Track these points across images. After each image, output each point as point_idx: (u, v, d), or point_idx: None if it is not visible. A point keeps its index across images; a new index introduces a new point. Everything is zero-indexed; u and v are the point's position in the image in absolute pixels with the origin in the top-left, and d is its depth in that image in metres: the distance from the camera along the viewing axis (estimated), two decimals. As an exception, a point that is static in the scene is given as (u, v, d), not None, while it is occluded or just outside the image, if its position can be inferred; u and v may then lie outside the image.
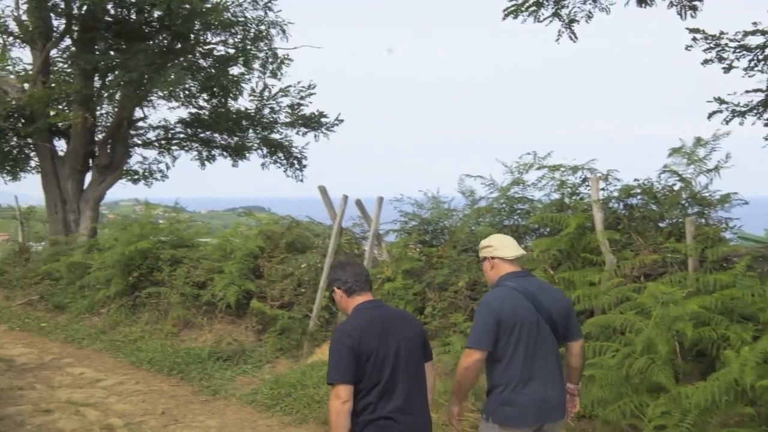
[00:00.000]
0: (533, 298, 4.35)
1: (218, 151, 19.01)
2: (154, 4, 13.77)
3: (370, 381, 4.00)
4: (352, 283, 4.25)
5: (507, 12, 11.46)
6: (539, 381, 4.30)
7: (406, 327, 4.21)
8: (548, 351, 4.36)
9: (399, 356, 4.08)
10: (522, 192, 8.60)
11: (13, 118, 15.95)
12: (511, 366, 4.28)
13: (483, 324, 4.29)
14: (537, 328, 4.32)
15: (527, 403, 4.27)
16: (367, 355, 3.99)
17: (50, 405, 8.09)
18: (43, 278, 14.57)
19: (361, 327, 4.07)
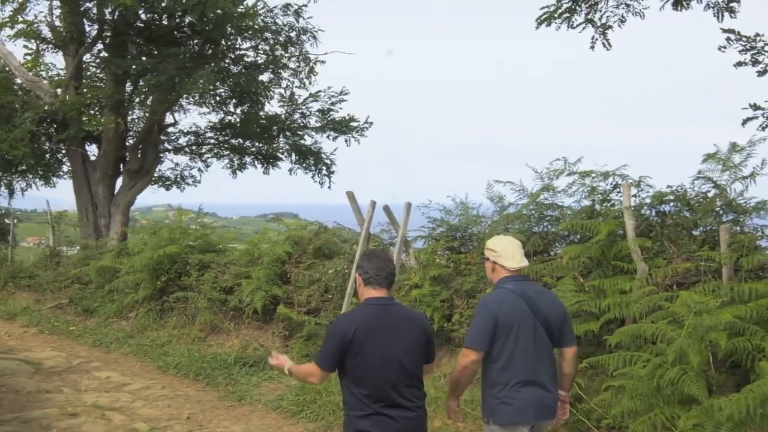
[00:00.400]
0: (531, 301, 4.43)
1: (249, 158, 19.02)
2: (185, 10, 13.83)
3: (366, 376, 4.07)
4: (372, 276, 4.26)
5: (540, 20, 11.34)
6: (535, 381, 4.38)
7: (408, 327, 4.22)
8: (543, 353, 4.44)
9: (393, 355, 4.12)
10: (552, 198, 8.45)
11: (46, 123, 16.09)
12: (509, 366, 4.35)
13: (481, 325, 4.37)
14: (533, 331, 4.39)
15: (525, 401, 4.35)
16: (357, 349, 4.05)
17: (76, 409, 8.11)
18: (73, 282, 14.66)
19: (360, 321, 4.14)
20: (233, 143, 18.77)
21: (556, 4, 11.10)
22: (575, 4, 11.12)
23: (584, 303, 6.62)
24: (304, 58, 17.31)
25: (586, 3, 11.19)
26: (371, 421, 4.09)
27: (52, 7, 15.98)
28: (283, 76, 17.44)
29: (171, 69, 13.90)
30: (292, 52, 17.16)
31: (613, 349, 6.29)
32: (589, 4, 11.23)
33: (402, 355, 4.14)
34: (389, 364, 4.10)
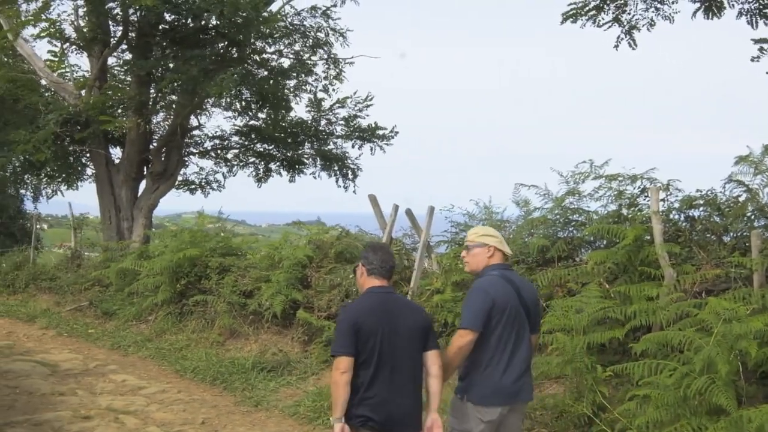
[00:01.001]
0: (516, 287, 4.71)
1: (275, 165, 18.95)
2: (207, 11, 13.77)
3: (367, 361, 4.34)
4: (377, 267, 4.58)
5: (566, 15, 11.15)
6: (517, 363, 4.62)
7: (409, 316, 4.52)
8: (525, 336, 4.71)
9: (396, 341, 4.40)
10: (577, 203, 8.25)
11: (70, 124, 16.09)
12: (496, 347, 4.57)
13: (479, 307, 4.54)
14: (519, 315, 4.65)
15: (502, 385, 4.57)
16: (366, 335, 4.33)
17: (90, 411, 8.00)
18: (94, 284, 14.66)
19: (366, 308, 4.46)
20: (259, 149, 18.71)
21: (583, 1, 10.91)
22: (603, 3, 10.92)
23: (609, 310, 6.41)
24: (333, 61, 17.21)
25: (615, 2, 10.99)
26: (369, 406, 4.33)
27: (77, 7, 16.05)
28: (309, 81, 17.37)
29: (194, 70, 13.85)
30: (321, 54, 17.09)
31: (638, 357, 6.09)
32: (617, 4, 11.03)
33: (404, 340, 4.42)
34: (392, 348, 4.38)
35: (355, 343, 4.30)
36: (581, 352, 6.19)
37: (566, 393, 6.42)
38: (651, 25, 11.30)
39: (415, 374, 4.50)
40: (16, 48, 16.77)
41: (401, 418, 4.41)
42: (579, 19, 11.10)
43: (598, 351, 6.62)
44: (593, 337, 6.26)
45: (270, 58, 16.90)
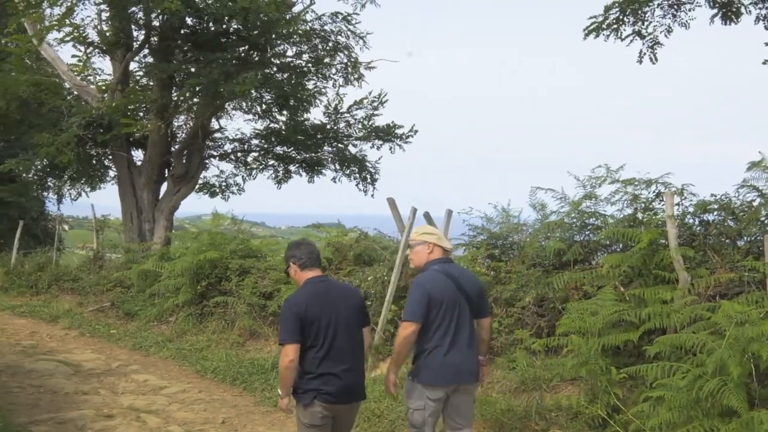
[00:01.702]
0: (455, 280, 5.25)
1: (294, 167, 19.08)
2: (231, 15, 13.92)
3: (316, 342, 4.88)
4: (306, 260, 5.10)
5: (588, 31, 11.22)
6: (458, 349, 5.17)
7: (347, 297, 5.12)
8: (466, 324, 5.26)
9: (339, 322, 4.95)
10: (594, 206, 8.30)
11: (93, 127, 16.30)
12: (436, 335, 5.14)
13: (418, 301, 5.12)
14: (459, 305, 5.20)
15: (447, 367, 5.13)
16: (311, 320, 4.85)
17: (112, 411, 8.10)
18: (115, 285, 14.84)
19: (308, 298, 4.95)
20: (278, 152, 18.85)
21: (603, 15, 10.97)
22: (623, 14, 10.98)
23: (624, 312, 6.47)
24: (353, 64, 17.31)
25: (634, 14, 11.04)
26: (321, 381, 4.89)
27: (100, 11, 16.25)
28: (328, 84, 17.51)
29: (215, 73, 14.00)
30: (340, 58, 17.19)
31: (651, 359, 6.16)
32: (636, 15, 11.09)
33: (345, 320, 4.99)
34: (336, 329, 4.93)
35: (300, 332, 4.84)
36: (596, 355, 6.26)
37: (581, 394, 6.49)
38: (669, 32, 11.36)
39: (358, 349, 5.12)
40: (40, 52, 17.04)
41: (350, 389, 5.02)
42: (601, 33, 11.16)
43: (612, 353, 6.69)
44: (608, 339, 6.32)
45: (290, 61, 17.04)
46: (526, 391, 7.27)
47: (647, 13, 11.32)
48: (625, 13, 11.13)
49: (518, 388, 7.40)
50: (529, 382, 7.28)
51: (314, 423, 4.97)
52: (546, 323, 7.84)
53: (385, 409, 7.50)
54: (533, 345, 7.25)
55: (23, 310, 15.24)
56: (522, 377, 7.35)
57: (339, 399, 4.95)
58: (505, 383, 7.63)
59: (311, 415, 4.95)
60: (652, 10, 11.28)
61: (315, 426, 4.99)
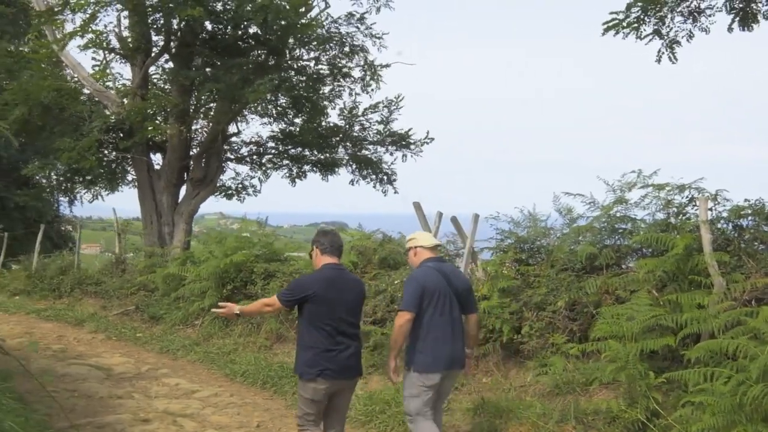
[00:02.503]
0: (447, 276, 5.86)
1: (308, 166, 19.15)
2: (250, 19, 14.01)
3: (321, 325, 5.52)
4: (327, 247, 5.78)
5: (607, 27, 11.22)
6: (449, 338, 5.75)
7: (354, 287, 5.83)
8: (456, 317, 5.85)
9: (342, 309, 5.62)
10: (624, 211, 8.36)
11: (113, 131, 16.41)
12: (429, 326, 5.70)
13: (412, 293, 5.72)
14: (449, 299, 5.79)
15: (439, 355, 5.70)
16: (321, 300, 5.53)
17: (148, 414, 8.18)
18: (139, 289, 14.93)
19: (321, 280, 5.64)
20: (293, 153, 18.92)
21: (625, 12, 10.97)
22: (644, 15, 10.99)
23: (661, 317, 6.52)
24: (369, 66, 17.39)
25: (655, 15, 11.05)
26: (323, 357, 5.50)
27: (120, 18, 16.37)
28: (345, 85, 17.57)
29: (234, 78, 14.08)
30: (357, 61, 17.28)
31: (687, 364, 6.21)
32: (657, 17, 11.09)
33: (347, 306, 5.67)
34: (339, 312, 5.59)
35: (296, 304, 5.64)
36: (634, 359, 6.32)
37: (619, 399, 6.54)
38: (690, 37, 11.36)
39: (357, 334, 5.81)
40: (60, 57, 17.17)
41: (349, 367, 5.65)
42: (620, 31, 11.16)
43: (647, 357, 6.74)
44: (646, 344, 6.36)
45: (307, 65, 17.13)
46: (560, 394, 7.32)
47: (667, 18, 11.33)
48: (646, 12, 11.13)
49: (552, 392, 7.45)
50: (563, 386, 7.34)
51: (316, 398, 5.61)
52: (578, 327, 7.89)
53: (418, 413, 7.56)
54: (571, 350, 7.30)
55: (48, 314, 15.37)
56: (556, 381, 7.40)
57: (339, 375, 5.58)
58: (538, 387, 7.68)
59: (313, 390, 5.57)
60: (672, 16, 11.29)
61: (317, 401, 5.63)
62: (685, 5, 11.07)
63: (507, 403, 7.25)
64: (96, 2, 14.40)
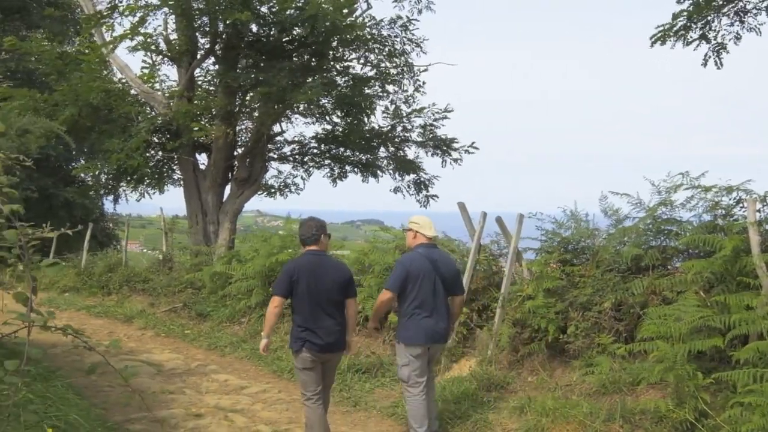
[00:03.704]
0: (434, 262, 6.79)
1: (350, 167, 19.28)
2: (297, 23, 14.19)
3: (302, 302, 6.41)
4: (305, 237, 6.71)
5: (655, 39, 11.24)
6: (431, 315, 6.75)
7: (334, 271, 6.59)
8: (439, 297, 6.80)
9: (321, 290, 6.41)
10: (670, 213, 8.38)
11: (160, 132, 16.71)
12: (413, 305, 6.72)
13: (397, 275, 6.76)
14: (434, 282, 6.74)
15: (422, 329, 6.72)
16: (298, 283, 6.39)
17: (200, 410, 8.37)
18: (186, 287, 15.17)
19: (300, 265, 6.51)
20: (334, 153, 19.07)
21: (671, 23, 10.98)
22: (690, 22, 10.98)
23: (708, 318, 6.56)
24: (409, 68, 17.50)
25: (702, 20, 11.03)
26: (306, 333, 6.41)
27: (167, 21, 16.65)
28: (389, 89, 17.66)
29: (282, 81, 14.26)
30: (397, 63, 17.38)
31: (735, 365, 6.25)
32: (703, 22, 11.07)
33: (328, 289, 6.45)
34: (319, 294, 6.41)
35: (288, 288, 6.43)
36: (682, 359, 6.37)
37: (667, 399, 6.58)
38: (737, 39, 11.32)
39: (338, 314, 6.54)
40: (108, 60, 17.51)
41: (329, 342, 6.46)
42: (668, 40, 11.17)
43: (695, 358, 6.77)
44: (695, 344, 6.41)
45: (350, 66, 17.26)
46: (606, 394, 7.37)
47: (713, 21, 11.30)
48: (692, 20, 11.12)
49: (598, 391, 7.50)
50: (609, 386, 7.39)
51: (306, 366, 6.51)
52: (624, 327, 7.94)
53: (465, 411, 7.66)
54: (618, 350, 7.35)
55: (98, 311, 15.68)
56: (602, 381, 7.45)
57: (324, 349, 6.46)
58: (584, 387, 7.74)
59: (302, 360, 6.49)
60: (719, 19, 11.26)
61: (307, 369, 6.52)
62: (731, 6, 11.05)
63: (553, 402, 7.30)
64: (145, 6, 14.66)
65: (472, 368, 9.06)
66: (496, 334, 9.13)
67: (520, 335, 8.85)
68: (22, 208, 3.35)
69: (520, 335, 8.85)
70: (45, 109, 16.04)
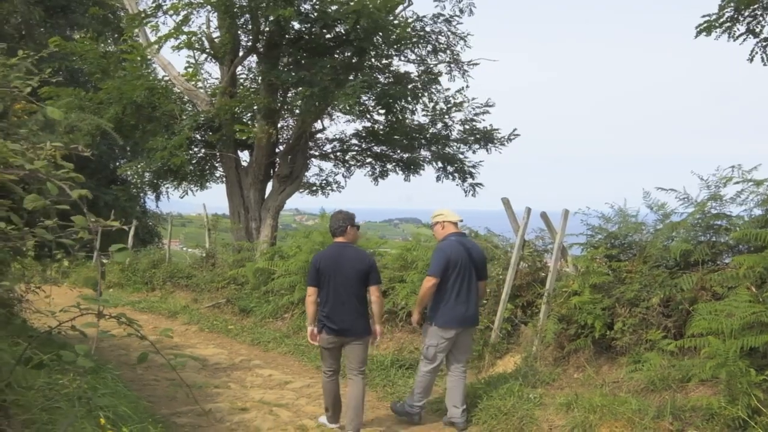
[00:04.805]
0: (467, 249, 7.37)
1: (391, 165, 19.26)
2: (339, 20, 14.20)
3: (325, 289, 7.09)
4: (334, 229, 7.39)
5: (701, 29, 11.07)
6: (465, 301, 7.35)
7: (357, 261, 7.12)
8: (472, 282, 7.39)
9: (341, 278, 7.03)
10: (720, 207, 8.24)
11: (203, 129, 16.84)
12: (451, 289, 7.28)
13: (438, 262, 7.29)
14: (468, 268, 7.32)
15: (455, 314, 7.32)
16: (322, 272, 7.09)
17: (245, 404, 8.44)
18: (229, 283, 15.26)
19: (325, 256, 7.23)
20: (376, 151, 19.06)
21: (718, 13, 10.80)
22: (737, 13, 10.79)
23: (761, 314, 6.44)
24: (455, 62, 17.45)
25: (750, 12, 10.84)
26: (325, 318, 7.12)
27: (209, 18, 16.76)
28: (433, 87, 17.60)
29: (325, 80, 14.27)
30: (443, 58, 17.34)
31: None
32: (751, 14, 10.88)
33: (348, 277, 7.03)
34: (339, 282, 7.03)
35: (316, 278, 7.12)
36: (734, 356, 6.26)
37: (719, 396, 6.48)
38: None
39: (356, 301, 7.08)
40: (151, 58, 17.69)
41: (345, 327, 7.08)
42: (713, 31, 10.99)
43: (746, 354, 6.65)
44: (747, 341, 6.29)
45: (390, 63, 17.22)
46: (655, 391, 7.27)
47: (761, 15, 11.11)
48: (739, 11, 10.93)
49: (646, 388, 7.40)
50: (658, 383, 7.29)
51: (325, 346, 7.30)
52: (673, 324, 7.83)
53: (511, 407, 7.60)
54: (668, 346, 7.25)
55: (142, 306, 15.85)
56: (650, 377, 7.35)
57: (338, 333, 7.12)
58: (632, 383, 7.64)
59: (322, 339, 7.26)
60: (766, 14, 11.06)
61: (325, 348, 7.33)
62: None
63: (601, 398, 7.22)
64: (188, 4, 14.76)
65: (517, 364, 9.02)
66: (541, 331, 9.07)
67: (566, 331, 8.76)
68: (90, 194, 3.38)
69: (566, 331, 8.76)
70: (90, 108, 16.21)
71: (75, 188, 3.26)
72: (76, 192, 3.21)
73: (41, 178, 3.25)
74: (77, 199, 3.21)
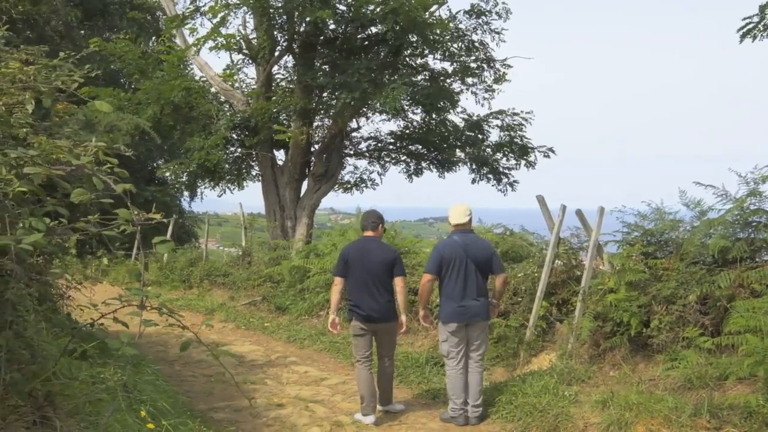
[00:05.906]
0: (465, 246, 7.58)
1: (426, 164, 19.27)
2: (375, 20, 14.24)
3: (352, 279, 7.64)
4: (365, 224, 7.92)
5: (743, 33, 10.90)
6: (466, 296, 7.52)
7: (380, 252, 7.70)
8: (472, 278, 7.55)
9: (366, 269, 7.57)
10: (758, 204, 8.15)
11: (239, 129, 16.99)
12: (450, 285, 7.56)
13: (433, 260, 7.67)
14: (465, 265, 7.53)
15: (458, 309, 7.53)
16: (350, 263, 7.64)
17: (282, 400, 8.52)
18: (265, 281, 15.39)
19: (354, 247, 7.84)
20: (411, 149, 19.08)
21: (759, 14, 10.62)
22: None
23: (800, 311, 6.39)
24: (488, 60, 17.43)
25: None
26: (354, 306, 7.67)
27: (245, 20, 16.92)
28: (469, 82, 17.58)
29: (363, 82, 14.29)
30: (477, 55, 17.31)
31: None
32: None
33: (373, 268, 7.57)
34: (365, 273, 7.57)
35: (343, 269, 7.66)
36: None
37: (758, 394, 6.42)
38: None
39: (382, 290, 7.60)
40: (187, 59, 17.89)
41: (372, 314, 7.59)
42: (757, 35, 10.82)
43: (783, 353, 6.59)
44: (784, 338, 6.25)
45: (427, 63, 17.25)
46: (692, 389, 7.22)
47: None
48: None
49: (683, 386, 7.35)
50: (695, 380, 7.24)
51: (356, 333, 7.72)
52: (710, 321, 7.77)
53: (546, 405, 7.58)
54: (705, 343, 7.21)
55: (180, 303, 15.99)
56: (687, 375, 7.31)
57: (367, 319, 7.60)
58: (668, 381, 7.59)
59: (353, 327, 7.71)
60: None
61: (357, 335, 7.72)
62: None
63: (637, 396, 7.19)
64: (225, 5, 14.91)
65: (553, 362, 8.99)
66: (577, 328, 9.03)
67: (602, 329, 8.72)
68: (134, 187, 3.46)
69: (602, 329, 8.72)
70: (129, 108, 16.45)
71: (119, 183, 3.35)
72: (120, 186, 3.30)
73: (87, 174, 3.33)
74: (121, 193, 3.28)
